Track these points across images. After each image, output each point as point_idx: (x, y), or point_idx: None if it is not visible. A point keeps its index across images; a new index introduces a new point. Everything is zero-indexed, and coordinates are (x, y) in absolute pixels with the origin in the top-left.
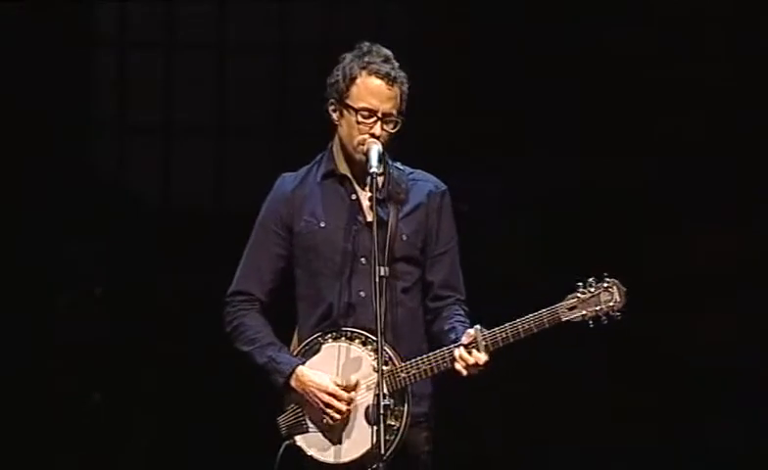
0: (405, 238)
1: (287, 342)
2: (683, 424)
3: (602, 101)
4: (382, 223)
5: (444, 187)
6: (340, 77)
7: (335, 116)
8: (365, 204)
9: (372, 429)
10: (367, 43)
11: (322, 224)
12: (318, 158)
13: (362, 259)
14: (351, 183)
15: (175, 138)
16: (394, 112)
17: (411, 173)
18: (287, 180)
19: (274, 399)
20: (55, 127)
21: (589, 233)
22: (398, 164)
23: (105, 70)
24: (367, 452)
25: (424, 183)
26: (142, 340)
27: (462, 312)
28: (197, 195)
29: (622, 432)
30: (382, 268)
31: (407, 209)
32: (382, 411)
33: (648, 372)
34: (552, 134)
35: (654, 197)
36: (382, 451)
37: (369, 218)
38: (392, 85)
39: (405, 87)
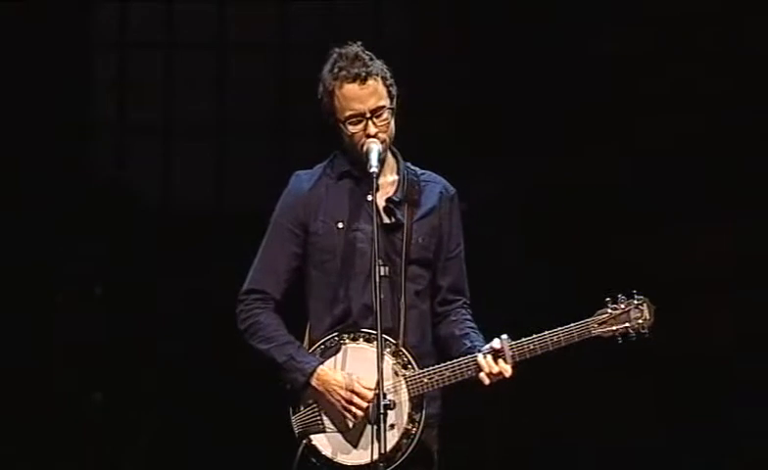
0: (420, 241)
1: (298, 339)
2: (683, 424)
3: (601, 101)
4: (399, 226)
5: (453, 190)
6: (323, 97)
7: (337, 130)
8: (381, 205)
9: (373, 429)
10: (336, 49)
11: (340, 225)
12: (332, 156)
13: (379, 261)
14: (366, 185)
15: (175, 138)
16: (381, 104)
17: (423, 175)
18: (302, 179)
19: (287, 398)
20: (55, 127)
21: (588, 233)
22: (408, 165)
23: (105, 70)
24: (382, 456)
25: (435, 185)
26: (142, 340)
27: (470, 317)
28: (197, 195)
29: (622, 432)
30: (383, 268)
31: (420, 212)
32: (382, 411)
33: (647, 372)
34: (551, 134)
35: (653, 197)
36: (383, 450)
37: (386, 220)
38: (366, 83)
39: (383, 72)
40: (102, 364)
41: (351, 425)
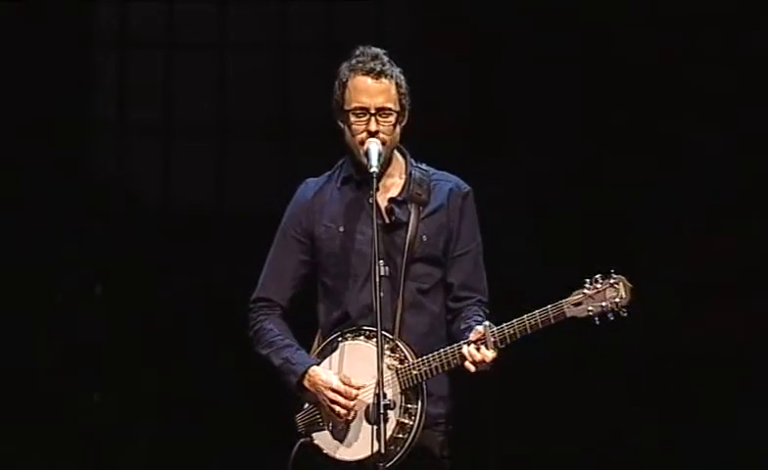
0: (425, 239)
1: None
2: (683, 424)
3: (603, 101)
4: (401, 224)
5: (467, 188)
6: (336, 87)
7: (341, 126)
8: (383, 206)
9: (373, 428)
10: (360, 47)
11: (341, 229)
12: (340, 163)
13: (380, 262)
14: (368, 187)
15: (175, 138)
16: (389, 105)
17: (435, 174)
18: (309, 186)
19: (291, 398)
20: (55, 127)
21: (589, 233)
22: (422, 166)
23: (105, 70)
24: (377, 451)
25: (445, 183)
26: (142, 340)
27: (482, 313)
28: (197, 195)
29: (622, 432)
30: (383, 268)
31: (428, 210)
32: (382, 411)
33: (647, 372)
34: (554, 134)
35: (655, 197)
36: (382, 450)
37: (386, 220)
38: (379, 79)
39: (399, 80)
40: (102, 364)
41: (340, 420)
